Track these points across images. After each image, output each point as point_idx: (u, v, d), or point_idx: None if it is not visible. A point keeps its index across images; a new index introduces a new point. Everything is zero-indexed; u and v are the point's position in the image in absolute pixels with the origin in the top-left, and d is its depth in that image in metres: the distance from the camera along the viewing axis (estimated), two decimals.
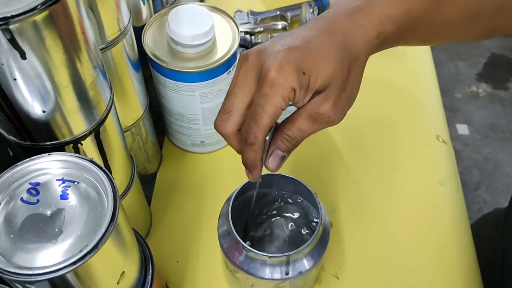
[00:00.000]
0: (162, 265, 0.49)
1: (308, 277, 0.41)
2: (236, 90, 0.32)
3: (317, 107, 0.32)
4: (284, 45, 0.31)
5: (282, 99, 0.30)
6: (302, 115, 0.32)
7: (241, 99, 0.32)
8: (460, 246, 0.51)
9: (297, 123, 0.33)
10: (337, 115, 0.32)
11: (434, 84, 0.69)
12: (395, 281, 0.48)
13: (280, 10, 0.72)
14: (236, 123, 0.33)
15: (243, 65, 0.32)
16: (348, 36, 0.32)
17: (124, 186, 0.42)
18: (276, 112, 0.31)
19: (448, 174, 0.57)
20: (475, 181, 1.59)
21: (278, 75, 0.30)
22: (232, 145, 0.35)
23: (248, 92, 0.32)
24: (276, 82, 0.30)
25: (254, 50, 0.32)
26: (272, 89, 0.30)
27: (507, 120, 1.76)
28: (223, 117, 0.33)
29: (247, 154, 0.33)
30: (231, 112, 0.33)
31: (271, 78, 0.30)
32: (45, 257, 0.26)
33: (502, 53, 1.99)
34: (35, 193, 0.28)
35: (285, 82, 0.30)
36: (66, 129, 0.32)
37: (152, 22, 0.50)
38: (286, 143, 0.34)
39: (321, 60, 0.31)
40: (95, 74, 0.32)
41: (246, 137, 0.32)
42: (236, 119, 0.33)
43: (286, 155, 0.34)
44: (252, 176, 0.35)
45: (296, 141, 0.34)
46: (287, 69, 0.30)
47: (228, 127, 0.33)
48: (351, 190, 0.55)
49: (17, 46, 0.25)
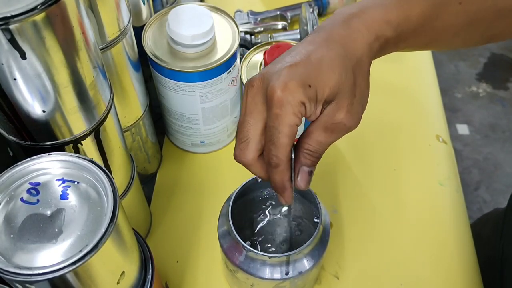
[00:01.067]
0: (162, 265, 0.49)
1: (308, 277, 0.41)
2: (248, 118, 0.32)
3: (332, 117, 0.32)
4: (285, 63, 0.31)
5: (294, 116, 0.30)
6: (318, 128, 0.32)
7: (255, 126, 0.32)
8: (460, 246, 0.51)
9: (314, 136, 0.32)
10: (353, 121, 0.32)
11: (434, 84, 0.69)
12: (395, 281, 0.48)
13: (280, 10, 0.72)
14: (255, 150, 0.33)
15: (249, 92, 0.32)
16: (347, 43, 0.32)
17: (124, 186, 0.42)
18: (292, 130, 0.31)
19: (448, 174, 0.57)
20: (475, 181, 1.59)
21: (284, 93, 0.30)
22: (256, 173, 0.34)
23: (260, 117, 0.32)
24: (284, 100, 0.30)
25: (257, 75, 0.32)
26: (281, 109, 0.30)
27: (507, 120, 1.76)
28: (241, 146, 0.33)
29: (275, 177, 0.33)
30: (248, 140, 0.32)
31: (278, 97, 0.30)
32: (45, 257, 0.26)
33: (502, 53, 1.99)
34: (35, 193, 0.28)
35: (292, 98, 0.30)
36: (66, 129, 0.32)
37: (152, 22, 0.50)
38: (309, 158, 0.33)
39: (325, 70, 0.31)
40: (95, 74, 0.32)
41: (270, 160, 0.32)
42: (254, 146, 0.32)
43: (312, 169, 0.34)
44: (285, 199, 0.34)
45: (318, 154, 0.33)
46: (292, 86, 0.30)
47: (249, 155, 0.33)
48: (351, 190, 0.55)
49: (17, 46, 0.25)
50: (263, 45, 0.58)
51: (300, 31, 0.66)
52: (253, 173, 0.34)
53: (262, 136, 0.32)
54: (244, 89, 0.33)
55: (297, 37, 0.66)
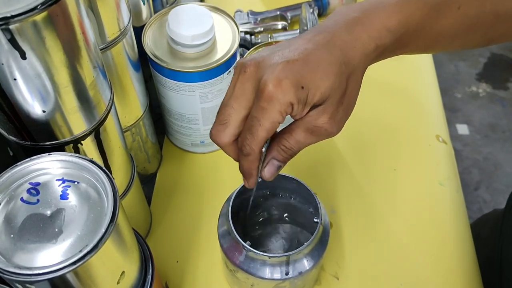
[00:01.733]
0: (162, 265, 0.49)
1: (308, 277, 0.41)
2: (232, 102, 0.32)
3: (315, 120, 0.32)
4: (282, 57, 0.31)
5: (279, 114, 0.30)
6: (299, 127, 0.32)
7: (238, 111, 0.32)
8: (460, 246, 0.51)
9: (294, 134, 0.33)
10: (335, 128, 0.33)
11: (434, 84, 0.69)
12: (395, 281, 0.48)
13: (280, 10, 0.72)
14: (232, 134, 0.33)
15: (240, 76, 0.32)
16: (347, 50, 0.32)
17: (124, 186, 0.42)
18: (273, 126, 0.31)
19: (448, 174, 0.57)
20: (475, 181, 1.59)
21: (276, 90, 0.30)
22: (228, 154, 0.35)
23: (246, 104, 0.32)
24: (274, 97, 0.30)
25: (252, 61, 0.32)
26: (269, 104, 0.30)
27: (507, 120, 1.76)
28: (219, 127, 0.33)
29: (243, 163, 0.34)
30: (227, 123, 0.33)
31: (269, 92, 0.30)
32: (45, 257, 0.26)
33: (502, 53, 1.99)
34: (35, 193, 0.28)
35: (283, 97, 0.30)
36: (66, 129, 0.32)
37: (152, 22, 0.50)
38: (282, 154, 0.34)
39: (320, 75, 0.31)
40: (95, 74, 0.32)
41: (242, 147, 0.33)
42: (232, 131, 0.33)
43: (282, 165, 0.35)
44: (248, 183, 0.36)
45: (292, 151, 0.34)
46: (285, 84, 0.30)
47: (224, 138, 0.33)
48: (351, 190, 0.55)
49: (17, 46, 0.25)
50: (263, 45, 0.58)
51: (300, 31, 0.66)
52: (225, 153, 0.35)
53: (242, 123, 0.32)
54: (234, 70, 0.33)
55: None
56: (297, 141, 0.33)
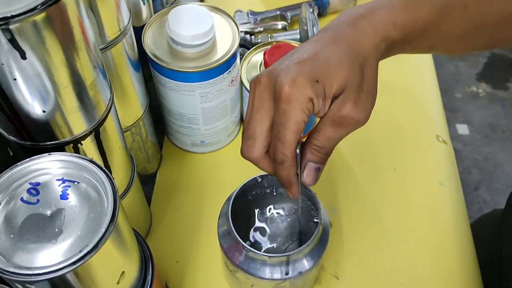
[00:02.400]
0: (162, 265, 0.49)
1: (308, 277, 0.41)
2: (254, 115, 0.32)
3: (339, 111, 0.31)
4: (292, 60, 0.31)
5: (302, 112, 0.30)
6: (326, 123, 0.32)
7: (262, 123, 0.32)
8: (460, 246, 0.51)
9: (322, 131, 0.32)
10: (360, 114, 0.32)
11: (434, 84, 0.69)
12: (395, 281, 0.48)
13: (280, 10, 0.72)
14: (261, 147, 0.33)
15: (256, 89, 0.32)
16: (354, 43, 0.32)
17: (124, 186, 0.42)
18: (299, 127, 0.31)
19: (448, 174, 0.57)
20: (475, 181, 1.59)
21: (293, 89, 0.30)
22: (263, 168, 0.34)
23: (267, 114, 0.32)
24: (291, 96, 0.30)
25: (263, 72, 0.32)
26: (289, 104, 0.30)
27: (507, 120, 1.76)
28: (248, 143, 0.33)
29: (281, 173, 0.33)
30: (254, 137, 0.32)
31: (286, 93, 0.30)
32: (45, 257, 0.26)
33: (502, 53, 1.99)
34: (35, 193, 0.28)
35: (300, 94, 0.30)
36: (66, 129, 0.32)
37: (152, 22, 0.50)
38: (316, 154, 0.33)
39: (332, 67, 0.31)
40: (95, 74, 0.32)
41: (275, 157, 0.32)
42: (261, 143, 0.33)
43: (320, 166, 0.34)
44: (292, 193, 0.35)
45: (326, 150, 0.33)
46: (300, 81, 0.30)
47: (255, 152, 0.33)
48: (351, 190, 0.55)
49: (17, 46, 0.25)
50: (263, 45, 0.58)
51: (300, 31, 0.66)
52: (260, 169, 0.34)
53: (269, 133, 0.32)
54: (250, 87, 0.33)
55: (297, 37, 0.66)
56: (327, 137, 0.32)
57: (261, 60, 0.56)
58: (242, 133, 0.34)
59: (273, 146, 0.32)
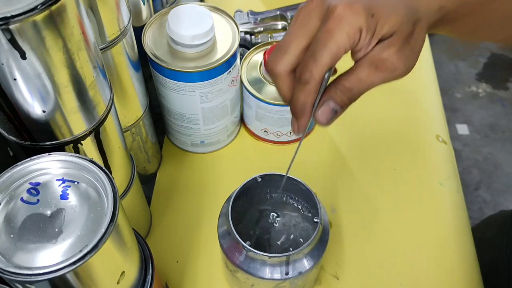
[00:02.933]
0: (162, 265, 0.49)
1: (308, 277, 0.41)
2: (295, 29, 0.30)
3: (380, 52, 0.30)
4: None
5: (347, 38, 0.28)
6: (362, 64, 0.30)
7: (300, 39, 0.30)
8: (460, 246, 0.51)
9: (356, 72, 0.30)
10: (401, 62, 0.30)
11: (434, 84, 0.69)
12: (395, 281, 0.48)
13: (280, 10, 0.72)
14: (290, 62, 0.31)
15: (307, 5, 0.30)
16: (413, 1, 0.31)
17: (124, 186, 0.42)
18: (338, 51, 0.29)
19: (448, 174, 0.57)
20: (475, 181, 1.59)
21: (347, 11, 0.28)
22: (280, 88, 0.32)
23: (308, 32, 0.30)
24: (343, 17, 0.28)
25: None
26: (338, 24, 0.28)
27: (507, 120, 1.76)
28: (277, 54, 0.31)
29: (298, 96, 0.31)
30: (286, 50, 0.31)
31: (339, 13, 0.28)
32: (45, 257, 0.26)
33: (502, 53, 1.99)
34: (35, 193, 0.28)
35: (353, 19, 0.28)
36: (66, 129, 0.32)
37: (152, 22, 0.50)
38: (340, 95, 0.31)
39: (390, 8, 0.29)
40: (95, 74, 0.32)
41: (301, 74, 0.30)
42: (291, 58, 0.31)
43: (338, 109, 0.31)
44: (298, 124, 0.32)
45: (351, 93, 0.31)
46: (356, 7, 0.28)
47: (282, 65, 0.31)
48: (351, 190, 0.55)
49: (17, 46, 0.25)
50: (263, 45, 0.58)
51: None
52: (277, 88, 0.33)
53: (303, 53, 0.31)
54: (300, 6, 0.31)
55: None
56: (358, 79, 0.30)
57: (261, 60, 0.56)
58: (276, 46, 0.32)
59: (304, 64, 0.30)
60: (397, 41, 0.30)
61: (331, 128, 0.61)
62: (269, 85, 0.55)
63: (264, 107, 0.54)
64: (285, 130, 0.57)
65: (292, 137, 0.59)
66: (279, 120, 0.55)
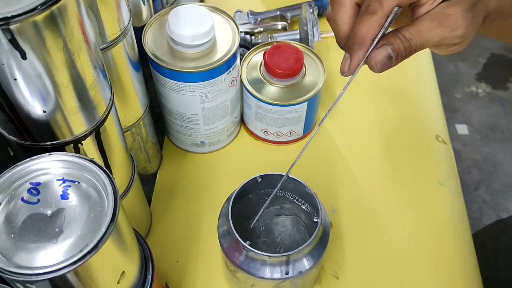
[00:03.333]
0: (162, 265, 0.49)
1: (308, 277, 0.41)
2: None
3: (446, 8, 0.30)
4: None
5: None
6: (426, 17, 0.30)
7: None
8: (460, 246, 0.51)
9: (417, 24, 0.30)
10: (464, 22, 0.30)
11: (434, 84, 0.69)
12: (395, 281, 0.48)
13: (280, 10, 0.72)
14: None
15: None
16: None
17: (124, 186, 0.42)
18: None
19: (448, 174, 0.57)
20: (475, 181, 1.59)
21: None
22: (341, 17, 0.31)
23: None
24: None
25: None
26: None
27: (507, 120, 1.76)
28: None
29: (362, 27, 0.30)
30: None
31: None
32: (46, 256, 0.26)
33: (502, 53, 1.99)
34: (35, 193, 0.28)
35: None
36: (66, 129, 0.32)
37: (152, 22, 0.50)
38: (398, 42, 0.30)
39: None
40: (95, 74, 0.32)
41: (370, 4, 0.29)
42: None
43: (393, 56, 0.31)
44: (352, 61, 0.31)
45: (409, 44, 0.30)
46: None
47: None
48: (351, 190, 0.55)
49: (17, 46, 0.25)
50: (263, 45, 0.58)
51: (300, 32, 0.66)
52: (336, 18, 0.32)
53: None
54: None
55: (297, 37, 0.66)
56: (419, 31, 0.30)
57: (261, 61, 0.56)
58: None
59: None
60: (464, 2, 0.30)
61: (331, 128, 0.61)
62: (269, 85, 0.55)
63: (264, 107, 0.54)
64: (285, 130, 0.57)
65: (292, 137, 0.59)
66: (279, 120, 0.55)
